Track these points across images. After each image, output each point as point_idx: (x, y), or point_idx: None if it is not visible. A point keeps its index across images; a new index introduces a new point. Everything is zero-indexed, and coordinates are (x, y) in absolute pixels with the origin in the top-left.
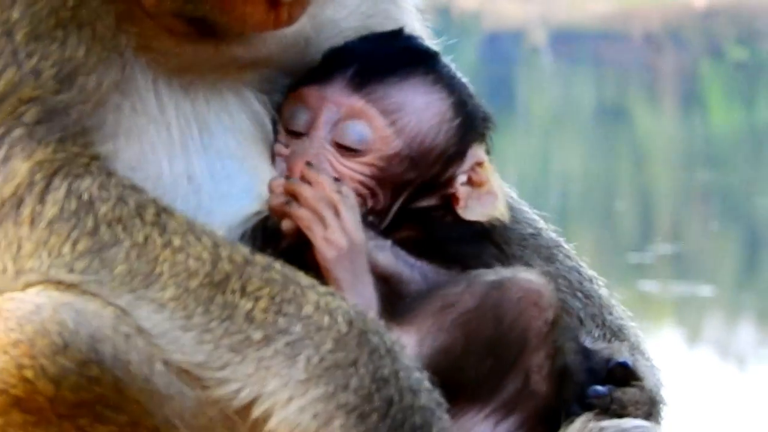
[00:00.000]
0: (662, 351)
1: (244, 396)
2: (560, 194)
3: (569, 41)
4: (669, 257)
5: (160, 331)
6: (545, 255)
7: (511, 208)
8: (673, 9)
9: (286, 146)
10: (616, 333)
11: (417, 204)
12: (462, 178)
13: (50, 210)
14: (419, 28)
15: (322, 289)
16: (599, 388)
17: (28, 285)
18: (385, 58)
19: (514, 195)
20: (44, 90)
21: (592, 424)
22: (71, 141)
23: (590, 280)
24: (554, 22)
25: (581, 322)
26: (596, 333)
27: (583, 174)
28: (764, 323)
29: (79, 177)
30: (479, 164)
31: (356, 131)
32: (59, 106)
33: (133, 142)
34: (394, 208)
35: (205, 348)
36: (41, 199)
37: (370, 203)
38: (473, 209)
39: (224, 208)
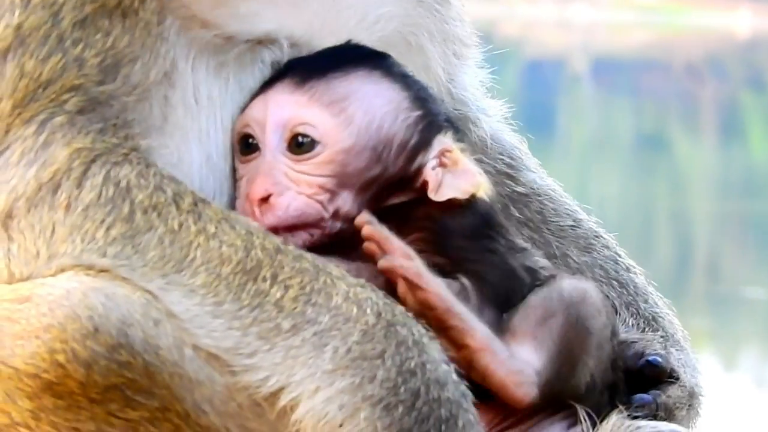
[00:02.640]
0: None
1: (272, 384)
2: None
3: (610, 70)
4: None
5: (190, 316)
6: (583, 245)
7: (553, 201)
8: (715, 39)
9: (244, 164)
10: (650, 322)
11: (390, 202)
12: (431, 163)
13: (87, 195)
14: None
15: (352, 280)
16: (645, 396)
17: (60, 270)
18: (327, 57)
19: (558, 189)
20: (87, 79)
21: (628, 423)
22: (111, 132)
23: (627, 269)
24: (595, 51)
25: (616, 311)
26: (630, 322)
27: (621, 202)
28: None
29: (117, 165)
30: (447, 151)
31: (303, 130)
32: (101, 97)
33: (175, 136)
34: (361, 208)
35: (235, 334)
36: (79, 185)
37: (332, 207)
38: (448, 186)
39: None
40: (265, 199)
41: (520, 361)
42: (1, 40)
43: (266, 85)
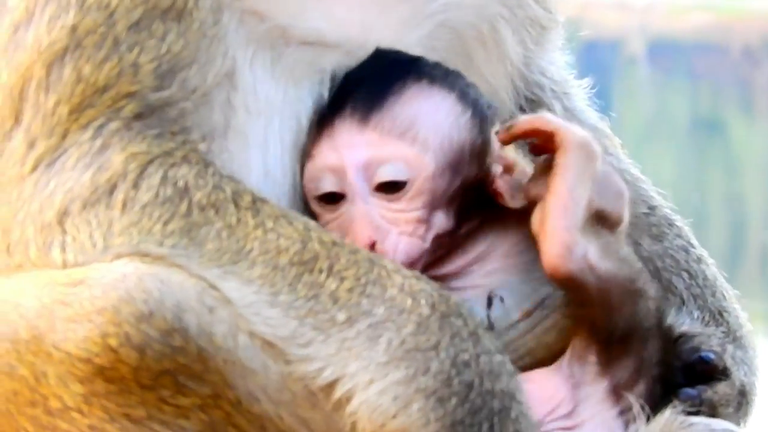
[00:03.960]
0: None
1: (327, 375)
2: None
3: (667, 52)
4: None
5: (247, 303)
6: (655, 233)
7: (629, 186)
8: None
9: (329, 213)
10: (716, 316)
11: (473, 206)
12: (497, 169)
13: (144, 195)
14: None
15: (407, 272)
16: (690, 390)
17: (116, 258)
18: (375, 79)
19: (635, 172)
20: (143, 86)
21: (681, 419)
22: (169, 137)
23: (698, 260)
24: (652, 33)
25: (683, 302)
26: (696, 314)
27: (676, 184)
28: None
29: (175, 166)
30: (501, 157)
31: (389, 168)
32: (158, 103)
33: (233, 140)
34: (452, 220)
35: (291, 323)
36: (135, 186)
37: (430, 236)
38: (516, 196)
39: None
40: (371, 247)
41: (579, 240)
42: (57, 41)
43: (324, 122)
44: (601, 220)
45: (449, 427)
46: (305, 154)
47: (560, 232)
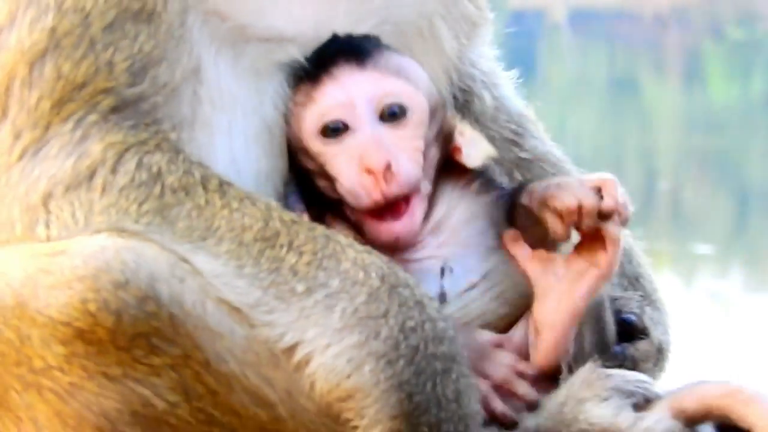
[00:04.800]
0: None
1: (288, 340)
2: (575, 156)
3: (586, 20)
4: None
5: (215, 275)
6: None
7: (553, 166)
8: None
9: (334, 146)
10: (633, 282)
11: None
12: (459, 129)
13: (121, 180)
14: None
15: (359, 246)
16: (615, 348)
17: (96, 233)
18: (354, 42)
19: (558, 153)
20: (118, 82)
21: (600, 371)
22: (143, 128)
23: None
24: (573, 2)
25: None
26: (616, 281)
27: (595, 138)
28: (752, 272)
29: (149, 153)
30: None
31: (393, 98)
32: (132, 98)
33: (200, 130)
34: (436, 163)
35: (255, 293)
36: (113, 171)
37: (425, 166)
38: (473, 156)
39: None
40: (388, 169)
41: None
42: (38, 42)
43: (314, 77)
44: None
45: (397, 387)
46: (292, 109)
47: (558, 343)
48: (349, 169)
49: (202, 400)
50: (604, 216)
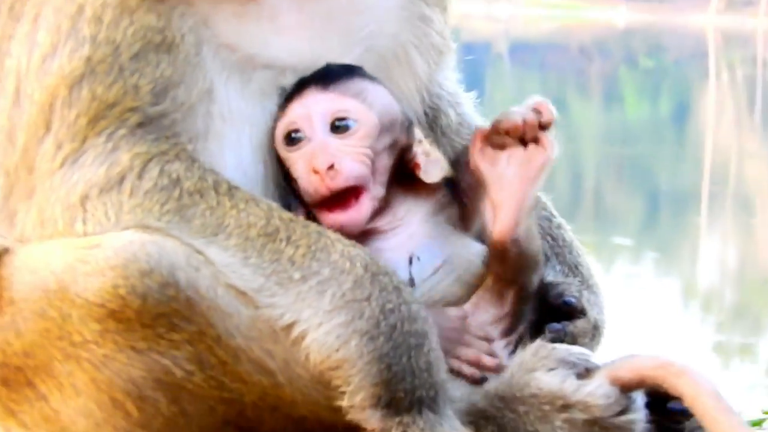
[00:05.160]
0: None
1: (286, 319)
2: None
3: (523, 51)
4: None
5: (225, 264)
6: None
7: None
8: (601, 28)
9: (293, 152)
10: (573, 269)
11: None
12: (419, 149)
13: (146, 184)
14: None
15: (346, 241)
16: (557, 325)
17: (125, 229)
18: (330, 70)
19: None
20: (143, 102)
21: (547, 345)
22: (164, 140)
23: (558, 227)
24: (513, 37)
25: (549, 259)
26: (558, 268)
27: None
28: (661, 259)
29: (169, 162)
30: (420, 140)
31: (343, 113)
32: (154, 115)
33: (213, 142)
34: (388, 171)
35: (259, 279)
36: (139, 177)
37: (373, 170)
38: (430, 173)
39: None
40: (331, 168)
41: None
42: (76, 68)
43: (290, 97)
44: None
45: (378, 359)
46: (275, 122)
47: (515, 214)
48: (303, 170)
49: (213, 369)
50: (543, 127)
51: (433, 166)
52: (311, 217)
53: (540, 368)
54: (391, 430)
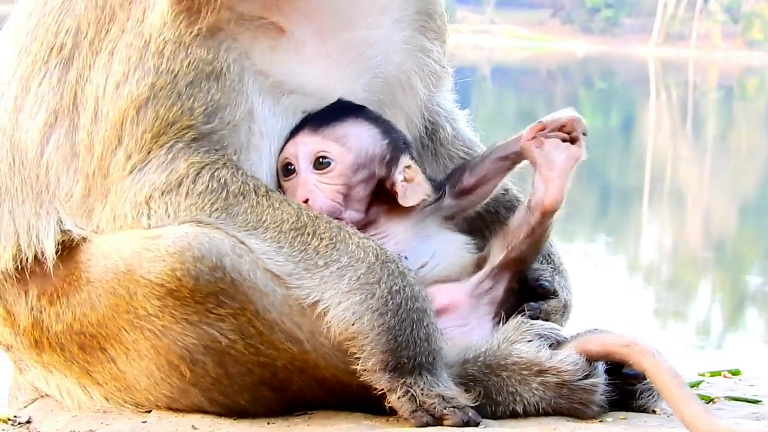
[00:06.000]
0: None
1: (312, 298)
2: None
3: (503, 74)
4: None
5: (263, 252)
6: (508, 206)
7: None
8: (565, 57)
9: (287, 182)
10: (546, 257)
11: (378, 197)
12: (399, 177)
13: (199, 187)
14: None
15: (361, 234)
16: (534, 304)
17: (182, 224)
18: (329, 113)
19: None
20: (197, 121)
21: (526, 321)
22: (214, 152)
23: None
24: (494, 62)
25: None
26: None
27: None
28: (610, 240)
29: (218, 169)
30: (408, 167)
31: (323, 154)
32: (206, 131)
33: (253, 153)
34: (365, 201)
35: (290, 265)
36: (194, 181)
37: (347, 203)
38: (408, 198)
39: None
40: (305, 202)
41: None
42: (143, 93)
43: (293, 133)
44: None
45: (386, 331)
46: (279, 152)
47: (564, 187)
48: (292, 197)
49: (252, 338)
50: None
51: (412, 192)
52: None
53: (520, 340)
54: (397, 389)
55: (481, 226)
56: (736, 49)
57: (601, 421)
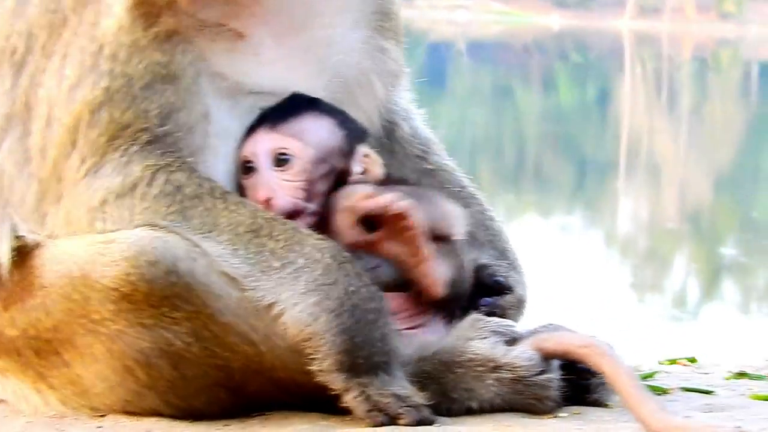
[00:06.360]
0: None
1: (268, 300)
2: (471, 139)
3: (479, 49)
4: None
5: (218, 255)
6: (465, 204)
7: (449, 174)
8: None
9: (247, 180)
10: (502, 253)
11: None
12: (357, 168)
13: (154, 190)
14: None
15: (317, 236)
16: (489, 299)
17: (136, 227)
18: (285, 108)
19: (452, 164)
20: (152, 124)
21: (481, 318)
22: (169, 154)
23: (490, 219)
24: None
25: (483, 245)
26: (490, 252)
27: (485, 127)
28: (587, 212)
29: (173, 172)
30: (366, 155)
31: (282, 151)
32: (161, 134)
33: (209, 155)
34: (325, 195)
35: (246, 268)
36: (149, 185)
37: (308, 199)
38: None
39: None
40: (267, 201)
41: (442, 272)
42: (97, 97)
43: (250, 131)
44: (442, 239)
45: (341, 332)
46: (238, 150)
47: (438, 278)
48: (252, 198)
49: (207, 341)
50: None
51: (369, 181)
52: None
53: (475, 337)
54: (352, 389)
55: None
56: (709, 21)
57: (555, 416)
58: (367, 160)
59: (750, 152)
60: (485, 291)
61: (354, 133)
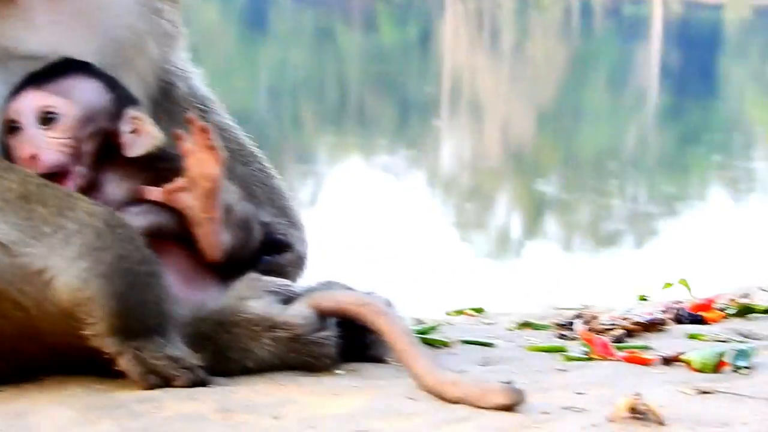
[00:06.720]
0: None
1: (38, 265)
2: (293, 82)
3: None
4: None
5: None
6: (244, 161)
7: (228, 132)
8: None
9: (12, 140)
10: (281, 210)
11: (109, 155)
12: (126, 128)
13: None
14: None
15: (89, 200)
16: (267, 258)
17: None
18: (51, 69)
19: (232, 124)
20: None
21: (257, 277)
22: None
23: (269, 176)
24: None
25: (261, 203)
26: (269, 210)
27: (307, 70)
28: (410, 154)
29: None
30: (135, 118)
31: (48, 109)
32: None
33: None
34: (93, 157)
35: (16, 234)
36: None
37: (76, 157)
38: (135, 148)
39: None
40: (33, 158)
41: (225, 238)
42: None
43: (16, 91)
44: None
45: (113, 295)
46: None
47: (219, 242)
48: (18, 157)
49: None
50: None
51: (139, 142)
52: None
53: (251, 297)
54: (126, 353)
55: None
56: None
57: (332, 374)
58: (137, 122)
59: (571, 90)
60: (265, 250)
61: (122, 96)
